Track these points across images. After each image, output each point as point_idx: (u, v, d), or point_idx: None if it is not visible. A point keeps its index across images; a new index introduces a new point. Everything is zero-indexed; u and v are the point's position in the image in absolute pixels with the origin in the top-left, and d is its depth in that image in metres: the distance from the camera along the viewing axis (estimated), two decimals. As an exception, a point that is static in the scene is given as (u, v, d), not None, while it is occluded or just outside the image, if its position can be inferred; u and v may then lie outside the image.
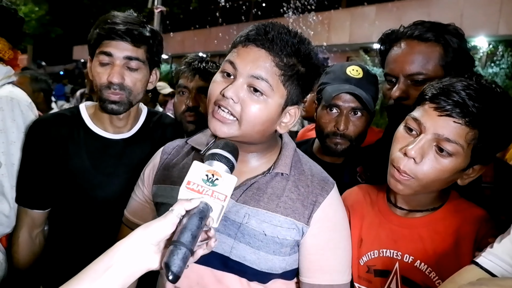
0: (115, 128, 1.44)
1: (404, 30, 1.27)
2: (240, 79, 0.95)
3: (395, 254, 1.07)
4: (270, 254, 1.01)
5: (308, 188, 1.05)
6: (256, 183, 1.04)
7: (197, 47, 16.49)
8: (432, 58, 1.22)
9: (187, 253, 0.71)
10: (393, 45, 1.29)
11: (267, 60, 0.95)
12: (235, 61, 0.96)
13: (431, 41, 1.22)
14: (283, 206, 1.02)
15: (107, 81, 1.30)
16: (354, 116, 1.44)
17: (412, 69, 1.23)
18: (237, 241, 1.00)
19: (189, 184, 0.79)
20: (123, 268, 0.72)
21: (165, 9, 7.59)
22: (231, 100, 0.94)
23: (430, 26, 1.25)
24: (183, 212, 0.77)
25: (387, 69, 1.31)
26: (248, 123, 0.96)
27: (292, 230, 1.01)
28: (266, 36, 0.95)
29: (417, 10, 10.29)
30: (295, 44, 0.96)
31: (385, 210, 1.14)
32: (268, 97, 0.96)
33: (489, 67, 9.60)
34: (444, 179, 0.99)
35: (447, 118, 0.93)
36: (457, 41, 1.23)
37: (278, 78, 0.96)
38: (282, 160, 1.06)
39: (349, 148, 1.46)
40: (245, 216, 1.01)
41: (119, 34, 1.29)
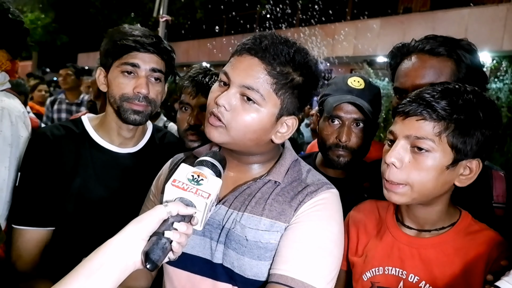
0: (122, 140, 1.43)
1: (415, 44, 1.25)
2: (233, 88, 0.96)
3: (400, 273, 1.06)
4: (254, 260, 0.98)
5: (298, 192, 1.02)
6: (248, 189, 1.04)
7: (201, 57, 16.57)
8: (443, 73, 1.20)
9: (167, 244, 0.75)
10: (404, 58, 1.27)
11: (259, 68, 0.95)
12: (228, 71, 0.98)
13: (443, 55, 1.20)
14: (269, 209, 1.01)
15: (133, 92, 1.31)
16: (357, 128, 1.42)
17: (422, 83, 1.20)
18: (226, 247, 1.01)
19: (175, 182, 0.83)
20: (116, 264, 0.73)
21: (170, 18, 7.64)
22: (223, 107, 0.95)
23: (442, 40, 1.23)
24: (174, 213, 0.79)
25: (397, 83, 1.29)
26: (237, 131, 0.96)
27: (276, 233, 0.99)
28: (260, 45, 0.96)
29: (422, 24, 10.33)
30: (290, 53, 0.96)
31: (393, 227, 1.13)
32: (260, 106, 0.96)
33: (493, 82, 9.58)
34: (433, 180, 0.98)
35: (411, 119, 0.98)
36: (470, 56, 1.21)
37: (270, 86, 0.95)
38: (276, 169, 1.06)
39: (352, 161, 1.44)
40: (232, 222, 1.01)
41: (146, 47, 1.32)
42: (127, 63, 1.31)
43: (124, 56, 1.31)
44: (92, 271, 0.72)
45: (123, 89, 1.32)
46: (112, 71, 1.35)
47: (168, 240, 0.76)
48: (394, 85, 1.32)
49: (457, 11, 10.26)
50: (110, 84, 1.36)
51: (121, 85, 1.32)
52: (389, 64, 1.37)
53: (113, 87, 1.34)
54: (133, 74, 1.32)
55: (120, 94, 1.33)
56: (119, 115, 1.36)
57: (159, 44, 1.35)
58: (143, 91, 1.31)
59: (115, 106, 1.35)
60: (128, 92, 1.32)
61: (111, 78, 1.35)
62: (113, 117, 1.40)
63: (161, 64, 1.36)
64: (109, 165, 1.40)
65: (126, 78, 1.32)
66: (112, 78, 1.34)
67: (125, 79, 1.32)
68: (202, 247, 1.03)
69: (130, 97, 1.32)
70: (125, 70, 1.31)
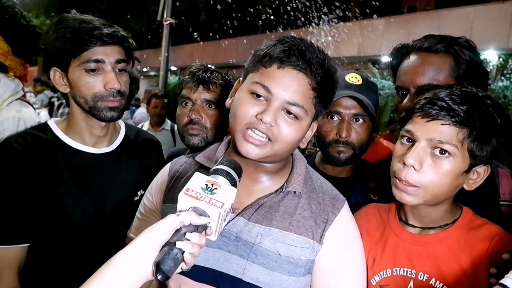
0: (95, 139, 1.36)
1: (414, 43, 1.27)
2: (276, 103, 0.93)
3: (409, 273, 1.05)
4: (284, 275, 0.97)
5: (320, 205, 1.02)
6: (268, 202, 1.02)
7: (205, 59, 16.61)
8: (442, 70, 1.20)
9: (179, 255, 0.73)
10: (404, 58, 1.28)
11: (303, 83, 0.93)
12: (269, 85, 0.93)
13: (441, 52, 1.21)
14: (296, 225, 1.00)
15: (104, 89, 1.25)
16: (356, 123, 1.42)
17: (422, 80, 1.21)
18: (249, 261, 0.97)
19: (188, 191, 0.81)
20: (128, 275, 0.72)
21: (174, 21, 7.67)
22: (270, 124, 0.92)
23: (440, 38, 1.24)
24: (187, 223, 0.77)
25: (398, 82, 1.30)
26: (282, 144, 0.95)
27: (306, 249, 0.98)
28: (303, 57, 0.93)
29: (427, 23, 10.29)
30: (326, 63, 0.96)
31: (397, 228, 1.13)
32: (302, 120, 0.96)
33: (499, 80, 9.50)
34: (449, 183, 0.99)
35: (435, 122, 0.97)
36: (469, 53, 1.21)
37: (311, 100, 0.95)
38: (294, 178, 1.04)
39: (352, 157, 1.43)
40: (257, 236, 0.98)
41: (105, 39, 1.23)
42: (89, 60, 1.22)
43: (83, 54, 1.22)
44: (104, 283, 0.70)
45: (93, 88, 1.24)
46: (72, 71, 1.25)
47: (180, 251, 0.74)
48: (395, 84, 1.32)
49: (462, 9, 10.20)
50: (75, 85, 1.26)
51: (89, 85, 1.24)
52: (390, 65, 1.39)
53: (80, 87, 1.25)
54: (98, 70, 1.24)
55: (91, 94, 1.25)
56: (92, 115, 1.29)
57: (117, 33, 1.26)
58: (116, 86, 1.25)
59: (86, 106, 1.27)
60: (99, 91, 1.25)
61: (74, 78, 1.25)
62: (82, 117, 1.32)
63: (123, 53, 1.30)
64: (87, 168, 1.32)
65: (92, 76, 1.24)
66: (76, 79, 1.25)
67: (92, 77, 1.24)
68: (216, 260, 0.99)
69: (103, 95, 1.25)
70: (88, 68, 1.23)
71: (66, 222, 1.29)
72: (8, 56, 1.53)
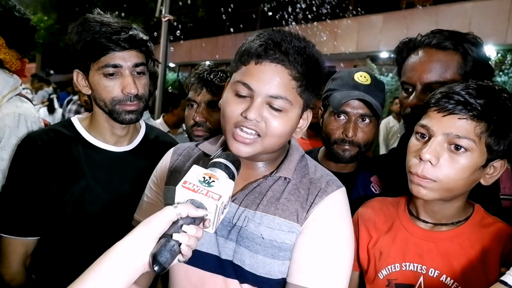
0: (116, 139, 1.39)
1: (422, 38, 1.25)
2: (258, 99, 0.93)
3: (419, 268, 1.05)
4: (268, 258, 0.98)
5: (309, 190, 1.02)
6: (258, 187, 1.03)
7: (204, 56, 16.57)
8: (450, 67, 1.19)
9: (175, 246, 0.74)
10: (411, 53, 1.27)
11: (283, 75, 0.92)
12: (249, 82, 0.93)
13: (449, 49, 1.20)
14: (281, 209, 1.00)
15: (122, 93, 1.27)
16: (363, 123, 1.42)
17: (429, 77, 1.20)
18: (237, 244, 1.00)
19: (186, 184, 0.82)
20: (126, 266, 0.72)
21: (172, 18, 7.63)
22: (255, 120, 0.93)
23: (448, 34, 1.23)
24: (184, 215, 0.78)
25: (404, 77, 1.29)
26: (271, 138, 0.95)
27: (291, 233, 0.99)
28: (279, 49, 0.92)
29: (425, 19, 10.27)
30: (305, 50, 0.94)
31: (407, 222, 1.12)
32: (288, 112, 0.95)
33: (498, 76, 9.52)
34: (466, 178, 0.98)
35: (452, 116, 0.95)
36: (476, 49, 1.20)
37: (295, 90, 0.94)
38: (285, 165, 1.04)
39: (357, 155, 1.44)
40: (244, 220, 1.00)
41: (122, 44, 1.24)
42: (107, 65, 1.25)
43: (101, 59, 1.25)
44: (101, 274, 0.71)
45: (111, 93, 1.27)
46: (92, 74, 1.29)
47: (177, 243, 0.75)
48: (401, 80, 1.31)
49: (460, 5, 10.19)
50: (95, 88, 1.30)
51: (108, 89, 1.27)
52: (395, 59, 1.37)
53: (100, 91, 1.29)
54: (116, 75, 1.27)
55: (109, 98, 1.28)
56: (112, 117, 1.32)
57: (134, 38, 1.28)
58: (133, 91, 1.27)
59: (106, 109, 1.31)
60: (117, 95, 1.28)
61: (94, 82, 1.29)
62: (104, 117, 1.35)
63: (141, 56, 1.31)
64: (107, 165, 1.36)
65: (110, 80, 1.27)
66: (96, 82, 1.28)
67: (110, 81, 1.27)
68: (211, 244, 1.02)
69: (121, 99, 1.28)
70: (107, 72, 1.26)
71: (83, 217, 1.32)
72: (2, 48, 1.52)
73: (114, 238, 1.26)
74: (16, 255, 1.32)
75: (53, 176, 1.29)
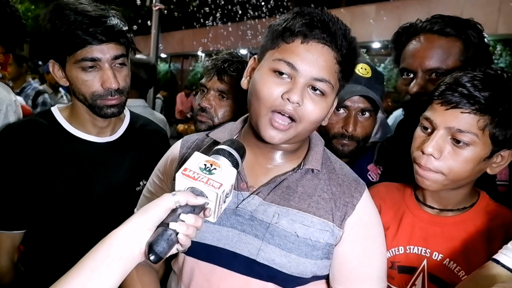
0: (98, 129, 1.35)
1: (423, 24, 1.24)
2: (301, 80, 0.87)
3: (423, 252, 1.07)
4: (302, 257, 0.95)
5: (340, 187, 1.00)
6: (285, 181, 0.98)
7: (196, 46, 16.42)
8: (452, 53, 1.19)
9: (173, 236, 0.72)
10: (411, 39, 1.26)
11: (329, 57, 0.88)
12: (294, 62, 0.87)
13: (452, 36, 1.19)
14: (316, 206, 0.97)
15: (102, 88, 1.22)
16: (362, 117, 1.41)
17: (431, 64, 1.20)
18: (265, 242, 0.94)
19: (185, 171, 0.79)
20: (123, 255, 0.71)
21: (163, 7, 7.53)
22: (297, 104, 0.87)
23: (449, 20, 1.22)
24: (183, 203, 0.75)
25: (404, 63, 1.27)
26: (306, 123, 0.91)
27: (325, 232, 0.96)
28: (328, 30, 0.87)
29: (417, 9, 10.26)
30: (349, 35, 0.91)
31: (414, 207, 1.13)
32: (328, 96, 0.91)
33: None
34: (470, 170, 0.98)
35: (455, 110, 0.95)
36: (477, 36, 1.20)
37: (337, 75, 0.91)
38: (312, 156, 1.01)
39: (356, 149, 1.44)
40: (274, 216, 0.95)
41: (100, 37, 1.17)
42: (85, 59, 1.18)
43: (78, 52, 1.18)
44: (98, 263, 0.69)
45: (91, 87, 1.22)
46: (69, 68, 1.22)
47: (174, 232, 0.72)
48: (400, 66, 1.30)
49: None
50: (72, 81, 1.24)
51: (87, 83, 1.21)
52: (393, 45, 1.35)
53: (78, 85, 1.23)
54: (95, 68, 1.21)
55: (89, 93, 1.23)
56: (93, 111, 1.27)
57: (113, 29, 1.20)
58: (113, 86, 1.21)
59: (86, 103, 1.26)
60: (97, 90, 1.22)
61: (71, 75, 1.23)
62: (85, 109, 1.30)
63: (121, 48, 1.24)
64: (90, 156, 1.31)
65: (89, 74, 1.21)
66: (73, 76, 1.22)
67: (88, 75, 1.21)
68: (229, 240, 0.96)
69: (101, 94, 1.23)
70: (85, 66, 1.19)
71: (67, 210, 1.28)
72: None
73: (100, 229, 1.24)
74: (3, 249, 1.28)
75: (35, 169, 1.24)
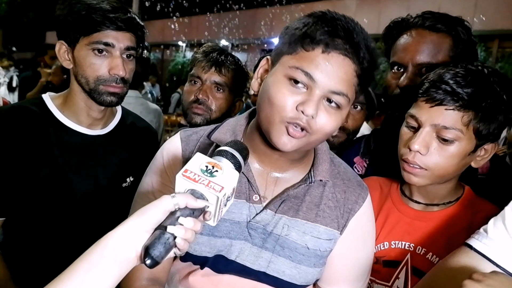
0: (91, 121, 1.33)
1: (415, 19, 1.27)
2: (317, 92, 0.83)
3: (407, 246, 1.10)
4: (310, 268, 0.95)
5: (345, 194, 1.01)
6: (293, 192, 0.96)
7: (177, 37, 16.18)
8: (442, 49, 1.23)
9: (170, 239, 0.69)
10: (402, 33, 1.28)
11: (350, 70, 0.83)
12: (312, 72, 0.82)
13: (442, 32, 1.23)
14: (322, 215, 0.96)
15: (108, 73, 1.22)
16: (354, 110, 1.44)
17: (422, 58, 1.23)
18: (275, 254, 0.93)
19: (186, 172, 0.76)
20: (118, 257, 0.68)
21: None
22: (311, 117, 0.83)
23: (440, 16, 1.25)
24: (182, 206, 0.72)
25: (395, 57, 1.30)
26: (319, 135, 0.87)
27: (330, 241, 0.97)
28: (351, 40, 0.82)
29: (397, 4, 10.41)
30: (370, 45, 0.86)
31: (399, 203, 1.16)
32: (343, 109, 0.87)
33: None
34: (455, 165, 1.02)
35: (439, 108, 0.98)
36: (466, 33, 1.24)
37: (354, 88, 0.86)
38: (321, 166, 0.99)
39: (345, 142, 1.47)
40: (284, 228, 0.94)
41: (119, 24, 1.20)
42: (99, 42, 1.20)
43: (94, 34, 1.20)
44: (92, 264, 0.66)
45: (98, 71, 1.22)
46: (79, 48, 1.23)
47: (172, 236, 0.69)
48: (391, 60, 1.33)
49: (431, -9, 10.39)
50: (79, 63, 1.24)
51: (95, 66, 1.22)
52: (384, 38, 1.38)
53: (84, 67, 1.23)
54: (105, 53, 1.22)
55: (94, 76, 1.23)
56: (91, 97, 1.26)
57: (132, 21, 1.24)
58: (121, 73, 1.22)
59: (87, 87, 1.25)
60: (103, 74, 1.22)
61: (79, 56, 1.23)
62: (82, 96, 1.28)
63: (134, 41, 1.27)
64: (78, 148, 1.29)
65: (98, 58, 1.22)
66: (81, 57, 1.23)
67: (98, 59, 1.22)
68: (241, 253, 0.95)
69: (106, 79, 1.23)
70: (96, 48, 1.21)
71: (50, 200, 1.26)
72: None
73: (83, 223, 1.24)
74: None
75: (21, 156, 1.22)
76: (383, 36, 1.38)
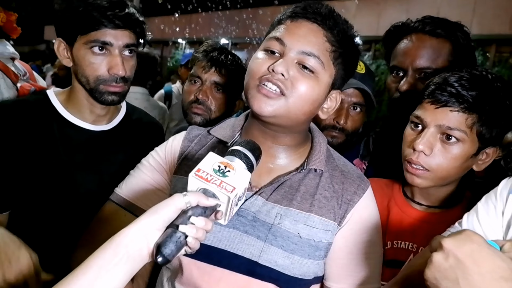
0: (95, 117, 1.32)
1: (415, 24, 1.29)
2: (290, 54, 0.89)
3: (410, 246, 1.11)
4: (305, 258, 0.94)
5: (343, 185, 1.00)
6: (288, 181, 0.98)
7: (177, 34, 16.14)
8: (442, 54, 1.26)
9: (182, 238, 0.70)
10: (403, 38, 1.30)
11: (319, 34, 0.90)
12: (282, 37, 0.90)
13: (442, 37, 1.26)
14: (318, 205, 0.96)
15: (108, 73, 1.21)
16: (354, 111, 1.45)
17: (422, 63, 1.25)
18: (267, 243, 0.93)
19: (199, 172, 0.77)
20: (131, 254, 0.70)
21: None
22: (281, 75, 0.87)
23: (440, 22, 1.28)
24: (194, 204, 0.73)
25: (395, 61, 1.32)
26: (297, 100, 0.89)
27: (327, 232, 0.96)
28: (318, 11, 0.91)
29: (396, 7, 10.44)
30: (344, 23, 0.94)
31: (402, 203, 1.18)
32: (318, 75, 0.91)
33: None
34: (458, 167, 1.04)
35: (444, 109, 1.00)
36: (465, 39, 1.27)
37: (329, 55, 0.91)
38: (316, 155, 1.00)
39: (344, 142, 1.48)
40: (276, 216, 0.94)
41: (117, 22, 1.17)
42: (96, 41, 1.17)
43: (92, 33, 1.17)
44: (106, 261, 0.68)
45: (97, 71, 1.20)
46: (78, 47, 1.21)
47: (184, 234, 0.70)
48: (391, 64, 1.35)
49: (429, -6, 10.42)
50: (78, 62, 1.22)
51: (93, 66, 1.20)
52: (384, 43, 1.40)
53: (84, 66, 1.21)
54: (104, 51, 1.20)
55: (94, 76, 1.21)
56: (92, 96, 1.25)
57: (130, 17, 1.21)
58: (120, 73, 1.20)
59: (87, 86, 1.24)
60: (103, 74, 1.21)
61: (78, 55, 1.21)
62: (84, 93, 1.27)
63: (134, 37, 1.24)
64: (83, 144, 1.29)
65: (97, 56, 1.19)
66: (80, 56, 1.21)
67: (97, 58, 1.20)
68: (231, 241, 0.94)
69: (106, 79, 1.21)
70: (95, 47, 1.18)
71: (54, 196, 1.26)
72: None
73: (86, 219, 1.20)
74: None
75: (23, 151, 1.21)
76: (383, 40, 1.40)
